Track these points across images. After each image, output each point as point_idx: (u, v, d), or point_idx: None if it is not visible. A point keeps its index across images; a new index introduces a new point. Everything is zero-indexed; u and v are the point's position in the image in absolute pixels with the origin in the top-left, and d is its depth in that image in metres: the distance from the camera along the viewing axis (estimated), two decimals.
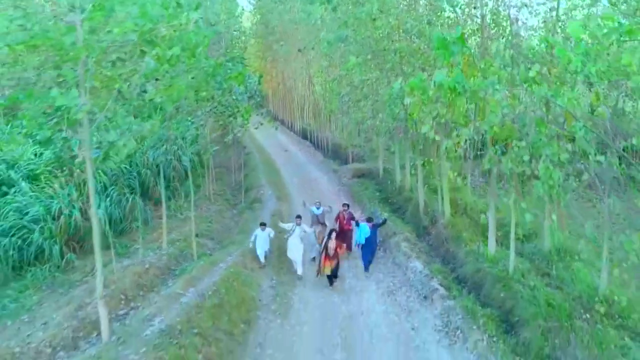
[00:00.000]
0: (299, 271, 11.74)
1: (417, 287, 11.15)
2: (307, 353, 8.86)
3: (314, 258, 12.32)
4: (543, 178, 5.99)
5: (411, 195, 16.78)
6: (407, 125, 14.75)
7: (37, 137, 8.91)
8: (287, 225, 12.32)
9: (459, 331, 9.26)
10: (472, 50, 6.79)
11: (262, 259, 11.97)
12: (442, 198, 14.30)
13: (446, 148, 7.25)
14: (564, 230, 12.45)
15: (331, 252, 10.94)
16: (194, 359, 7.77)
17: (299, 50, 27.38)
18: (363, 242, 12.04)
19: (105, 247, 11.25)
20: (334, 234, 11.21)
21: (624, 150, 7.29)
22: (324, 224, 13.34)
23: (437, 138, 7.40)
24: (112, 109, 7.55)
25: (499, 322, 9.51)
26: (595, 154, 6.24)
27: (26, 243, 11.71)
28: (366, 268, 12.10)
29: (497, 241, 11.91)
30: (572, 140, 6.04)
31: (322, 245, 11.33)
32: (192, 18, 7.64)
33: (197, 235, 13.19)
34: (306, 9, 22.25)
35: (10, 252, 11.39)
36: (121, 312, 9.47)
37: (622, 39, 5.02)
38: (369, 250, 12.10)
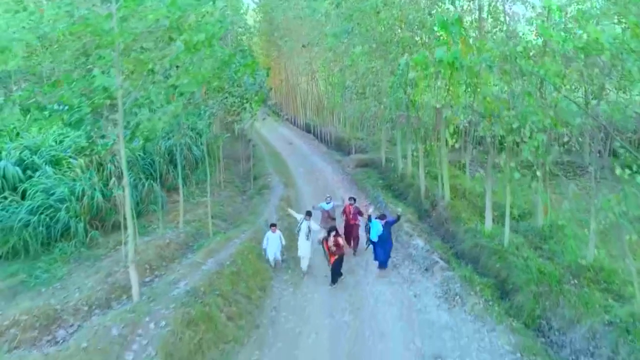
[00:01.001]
0: (304, 267, 11.39)
1: (418, 261, 11.96)
2: (318, 315, 9.66)
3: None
4: (529, 141, 6.78)
5: (412, 182, 17.58)
6: (409, 113, 15.54)
7: (70, 119, 9.65)
8: (297, 216, 12.07)
9: (458, 297, 10.08)
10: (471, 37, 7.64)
11: (272, 262, 11.53)
12: (442, 184, 15.12)
13: (446, 118, 8.00)
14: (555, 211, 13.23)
15: (333, 248, 10.70)
16: (217, 316, 8.60)
17: (303, 46, 28.21)
18: (376, 239, 11.32)
19: (126, 226, 12.11)
20: (333, 233, 10.76)
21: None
22: (334, 219, 12.97)
23: (438, 105, 8.18)
24: (146, 88, 8.34)
25: (494, 289, 10.36)
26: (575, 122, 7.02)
27: (53, 221, 12.52)
28: (384, 265, 11.40)
29: (493, 220, 12.75)
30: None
31: (323, 243, 11.10)
32: (218, 7, 8.43)
33: (212, 217, 13.99)
34: (311, 5, 23.08)
35: (39, 229, 12.20)
36: (147, 280, 10.29)
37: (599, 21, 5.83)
38: (383, 249, 11.30)
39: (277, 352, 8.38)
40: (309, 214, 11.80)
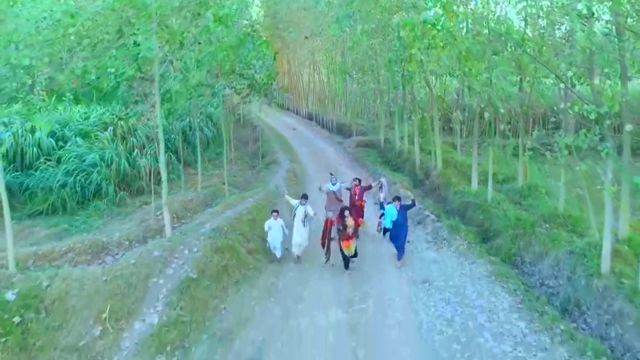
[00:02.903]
0: (297, 252, 10.64)
1: (412, 217, 13.42)
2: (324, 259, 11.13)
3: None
4: (496, 88, 8.23)
5: (409, 157, 19.10)
6: (405, 92, 17.04)
7: (109, 86, 11.12)
8: (293, 201, 11.17)
9: (445, 241, 11.62)
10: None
11: (278, 253, 10.59)
12: (435, 156, 16.63)
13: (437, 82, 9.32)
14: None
15: (350, 230, 9.77)
16: (239, 249, 10.12)
17: (306, 37, 29.72)
18: (390, 226, 10.75)
19: (149, 192, 13.65)
20: (347, 212, 9.90)
21: None
22: (342, 200, 12.26)
23: (424, 59, 9.66)
24: (179, 55, 9.85)
25: (477, 234, 11.88)
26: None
27: (87, 182, 14.05)
28: (399, 256, 10.60)
29: (479, 183, 14.26)
30: None
31: (334, 227, 10.34)
32: None
33: (225, 184, 15.50)
34: None
35: (75, 189, 13.72)
36: (175, 226, 11.77)
37: None
38: (398, 235, 10.51)
39: (290, 279, 9.90)
40: (305, 197, 11.03)
